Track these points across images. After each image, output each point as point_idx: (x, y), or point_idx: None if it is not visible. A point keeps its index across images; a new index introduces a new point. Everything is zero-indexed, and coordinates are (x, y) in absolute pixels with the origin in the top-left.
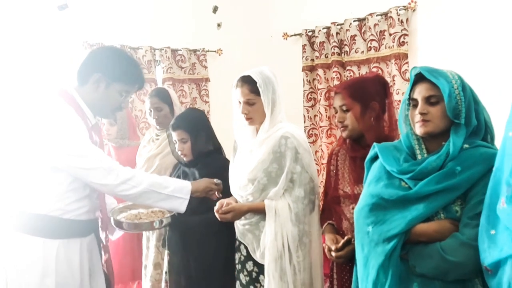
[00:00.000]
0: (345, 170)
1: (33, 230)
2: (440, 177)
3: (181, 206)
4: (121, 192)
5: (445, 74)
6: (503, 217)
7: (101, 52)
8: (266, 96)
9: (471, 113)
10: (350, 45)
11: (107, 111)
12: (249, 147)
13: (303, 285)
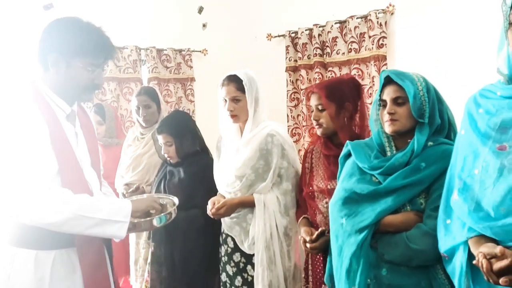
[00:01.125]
0: (319, 167)
1: (24, 243)
2: (407, 172)
3: (119, 231)
4: (41, 220)
5: (411, 77)
6: (455, 208)
7: (51, 27)
8: (251, 94)
9: (435, 113)
10: (332, 46)
11: (79, 93)
12: (235, 146)
13: (289, 273)
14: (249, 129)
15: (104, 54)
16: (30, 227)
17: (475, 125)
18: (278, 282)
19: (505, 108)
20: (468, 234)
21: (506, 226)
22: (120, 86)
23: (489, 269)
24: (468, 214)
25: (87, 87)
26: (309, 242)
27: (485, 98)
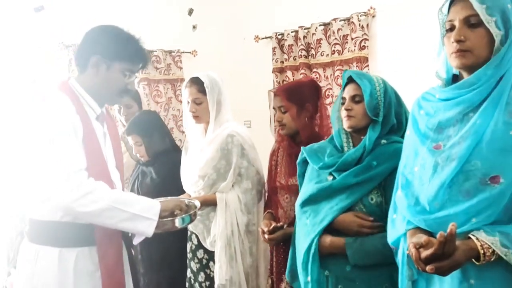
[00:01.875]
0: (282, 165)
1: (47, 240)
2: (359, 170)
3: (148, 228)
4: (78, 208)
5: (370, 77)
6: (398, 203)
7: (95, 32)
8: (212, 96)
9: (390, 113)
10: (316, 48)
11: (112, 96)
12: (199, 146)
13: (251, 269)
14: (212, 130)
15: (141, 62)
16: (55, 225)
17: (417, 126)
18: (239, 278)
19: (441, 110)
20: (407, 226)
21: (438, 218)
22: None
23: (417, 258)
24: (407, 208)
25: (121, 91)
26: (266, 233)
27: (426, 101)
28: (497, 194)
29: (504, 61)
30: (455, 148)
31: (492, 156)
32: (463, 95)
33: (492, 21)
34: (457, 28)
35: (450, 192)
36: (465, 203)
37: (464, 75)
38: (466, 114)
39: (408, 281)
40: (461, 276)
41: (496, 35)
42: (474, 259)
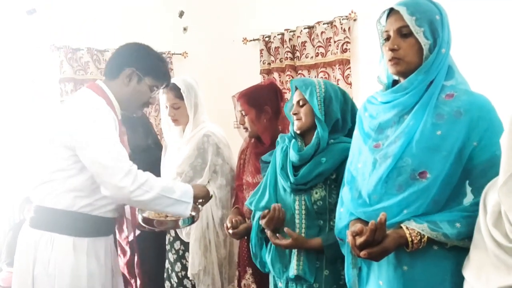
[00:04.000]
0: (249, 163)
1: (62, 229)
2: (311, 167)
3: (186, 211)
4: (135, 198)
5: (313, 82)
6: (344, 197)
7: (132, 47)
8: (189, 100)
9: (330, 109)
10: (301, 50)
11: (136, 106)
12: (177, 145)
13: (224, 260)
14: (190, 130)
15: (166, 82)
16: (70, 214)
17: (362, 126)
18: (213, 268)
19: (381, 112)
20: (349, 218)
21: (376, 210)
22: None
23: (353, 244)
24: (351, 201)
25: (144, 103)
26: (230, 228)
27: (370, 104)
28: (425, 187)
29: (433, 67)
30: (391, 146)
31: (420, 153)
32: (398, 99)
33: (420, 32)
34: (391, 38)
35: (386, 186)
36: (398, 196)
37: (401, 80)
38: (401, 116)
39: (353, 268)
40: (396, 263)
41: (424, 44)
42: (404, 246)
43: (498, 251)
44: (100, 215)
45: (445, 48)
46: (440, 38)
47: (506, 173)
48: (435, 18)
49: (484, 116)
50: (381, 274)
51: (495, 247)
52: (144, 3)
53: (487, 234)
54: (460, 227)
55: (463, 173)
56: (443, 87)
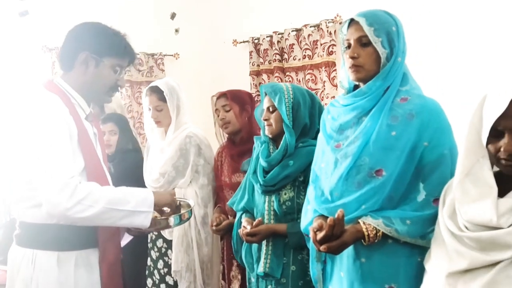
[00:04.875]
0: (226, 163)
1: (44, 244)
2: (279, 170)
3: (145, 220)
4: (74, 215)
5: (281, 89)
6: (309, 195)
7: (80, 28)
8: (172, 103)
9: (299, 115)
10: (289, 52)
11: (102, 93)
12: (160, 146)
13: (207, 257)
14: (172, 132)
15: (129, 58)
16: (52, 228)
17: (325, 128)
18: (194, 265)
19: (342, 114)
20: (313, 214)
21: (337, 206)
22: None
23: (314, 239)
24: (315, 199)
25: (111, 87)
26: (214, 226)
27: (332, 106)
28: (380, 184)
29: (389, 74)
30: (350, 146)
31: (377, 153)
32: (357, 102)
33: (378, 41)
34: (352, 46)
35: (346, 184)
36: (357, 192)
37: (361, 85)
38: (360, 118)
39: (317, 262)
40: (355, 255)
41: (382, 53)
42: (362, 240)
43: (452, 240)
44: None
45: (400, 57)
46: (396, 47)
47: (461, 173)
48: (391, 29)
49: (434, 119)
50: (342, 266)
51: (449, 237)
52: (136, 5)
53: (443, 226)
54: (410, 224)
55: (415, 171)
56: (398, 92)
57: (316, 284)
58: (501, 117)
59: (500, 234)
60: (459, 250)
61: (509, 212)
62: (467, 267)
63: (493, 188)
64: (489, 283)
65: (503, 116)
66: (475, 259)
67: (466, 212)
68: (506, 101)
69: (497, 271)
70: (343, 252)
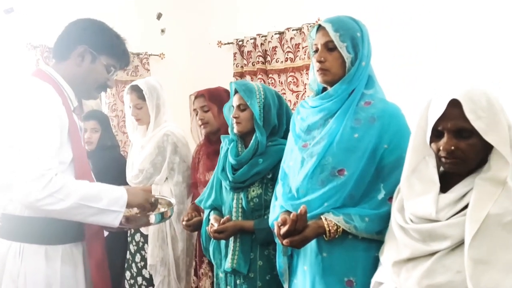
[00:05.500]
0: (202, 161)
1: (32, 238)
2: (249, 167)
3: (115, 220)
4: (43, 207)
5: (254, 89)
6: (277, 192)
7: (83, 22)
8: (151, 101)
9: (270, 115)
10: (272, 55)
11: (91, 89)
12: (140, 143)
13: (181, 252)
14: (151, 130)
15: (124, 61)
16: (40, 221)
17: (294, 128)
18: (169, 260)
19: (310, 115)
20: (280, 210)
21: (302, 203)
22: None
23: (278, 233)
24: (282, 195)
25: (101, 85)
26: (185, 221)
27: (302, 107)
28: (342, 183)
29: (354, 78)
30: (316, 146)
31: (340, 153)
32: (324, 104)
33: (343, 46)
34: (319, 51)
35: (311, 182)
36: (320, 190)
37: (328, 88)
38: (326, 120)
39: (283, 256)
40: (317, 250)
41: (346, 58)
42: (324, 235)
43: (399, 232)
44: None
45: (365, 61)
46: (361, 52)
47: (408, 170)
48: (356, 35)
49: (394, 123)
50: (306, 260)
51: (397, 229)
52: (123, 4)
53: (393, 219)
54: (368, 221)
55: (376, 172)
56: (363, 95)
57: (282, 277)
58: (440, 118)
59: (437, 226)
60: (404, 241)
61: (447, 206)
62: (409, 256)
63: (436, 184)
64: (427, 271)
65: (442, 117)
66: (416, 249)
67: (411, 206)
68: (444, 103)
69: (434, 261)
70: (307, 246)
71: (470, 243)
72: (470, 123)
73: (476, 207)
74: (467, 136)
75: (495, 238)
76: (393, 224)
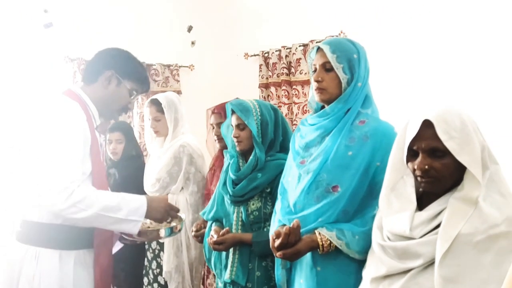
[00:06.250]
0: (216, 173)
1: (47, 243)
2: (247, 182)
3: (133, 228)
4: (67, 215)
5: (250, 108)
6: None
7: (111, 51)
8: (170, 115)
9: (266, 131)
10: (296, 67)
11: (114, 110)
12: (157, 154)
13: (195, 260)
14: (169, 141)
15: (145, 87)
16: (56, 227)
17: (294, 145)
18: (183, 267)
19: (309, 132)
20: (278, 224)
21: (299, 217)
22: None
23: (272, 246)
24: (281, 210)
25: (122, 107)
26: (194, 231)
27: (302, 125)
28: (336, 199)
29: (350, 98)
30: (312, 163)
31: (334, 170)
32: (321, 122)
33: (340, 67)
34: (317, 71)
35: (307, 197)
36: (315, 206)
37: (326, 106)
38: (323, 137)
39: (282, 269)
40: (311, 263)
41: (342, 78)
42: (316, 249)
43: (378, 249)
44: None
45: (361, 82)
46: (357, 73)
47: (387, 188)
48: (353, 57)
49: (386, 141)
50: (302, 273)
51: (376, 246)
52: (155, 17)
53: (373, 236)
54: (358, 239)
55: (368, 188)
56: (359, 114)
57: None
58: (414, 138)
59: (411, 244)
60: (382, 258)
61: (422, 224)
62: (386, 273)
63: (413, 203)
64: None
65: (416, 137)
66: (392, 267)
67: (388, 223)
68: (418, 124)
69: (408, 278)
70: (302, 260)
71: (440, 261)
72: (443, 143)
73: (448, 226)
74: (441, 155)
75: (465, 257)
76: (373, 241)
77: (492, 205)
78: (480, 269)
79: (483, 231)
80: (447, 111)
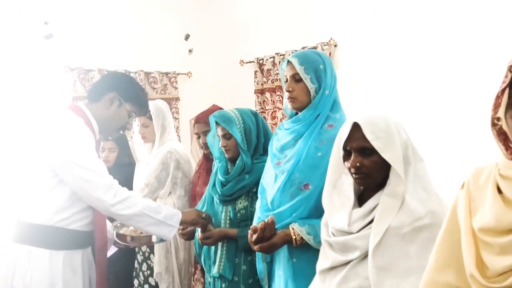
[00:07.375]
0: (201, 176)
1: (39, 242)
2: (234, 183)
3: (169, 233)
4: (116, 211)
5: (233, 119)
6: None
7: (115, 75)
8: (157, 121)
9: (250, 136)
10: None
11: (113, 130)
12: (146, 160)
13: (184, 262)
14: (157, 147)
15: (144, 110)
16: (47, 229)
17: (271, 148)
18: (173, 268)
19: (284, 136)
20: (257, 221)
21: (275, 214)
22: None
23: (250, 240)
24: (260, 207)
25: (121, 127)
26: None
27: (279, 129)
28: (307, 196)
29: (319, 105)
30: (286, 164)
31: (305, 170)
32: (294, 127)
33: (308, 78)
34: (288, 82)
35: (283, 195)
36: (289, 202)
37: (298, 112)
38: (296, 140)
39: (263, 262)
40: (288, 255)
41: (310, 88)
42: (291, 242)
43: (325, 244)
44: (76, 229)
45: (328, 90)
46: (324, 82)
47: (329, 186)
48: (319, 67)
49: None
50: (280, 265)
51: (324, 241)
52: (152, 26)
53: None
54: None
55: None
56: (328, 117)
57: (262, 282)
58: (347, 139)
59: (350, 238)
60: (327, 252)
61: (358, 220)
62: (330, 266)
63: (351, 200)
64: (343, 278)
65: (348, 139)
66: (335, 259)
67: (331, 219)
68: (349, 126)
69: (348, 268)
70: (280, 252)
71: (373, 252)
72: (370, 143)
73: (379, 220)
74: (369, 153)
75: (395, 248)
76: (321, 237)
77: (417, 200)
78: (407, 258)
79: (409, 223)
80: (375, 115)
